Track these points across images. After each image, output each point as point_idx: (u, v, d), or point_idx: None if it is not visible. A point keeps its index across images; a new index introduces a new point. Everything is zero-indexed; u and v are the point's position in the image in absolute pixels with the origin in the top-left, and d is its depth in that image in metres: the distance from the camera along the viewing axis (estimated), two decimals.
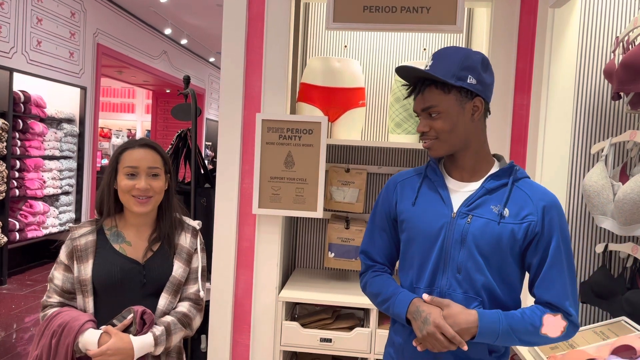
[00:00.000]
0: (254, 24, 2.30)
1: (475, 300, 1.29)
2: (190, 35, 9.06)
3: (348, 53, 2.77)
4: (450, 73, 1.27)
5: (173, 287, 1.60)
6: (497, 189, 1.32)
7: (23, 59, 5.51)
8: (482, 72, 1.30)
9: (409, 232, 1.38)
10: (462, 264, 1.29)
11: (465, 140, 1.32)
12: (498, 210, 1.28)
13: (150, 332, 1.52)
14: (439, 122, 1.29)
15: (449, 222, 1.31)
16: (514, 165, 1.36)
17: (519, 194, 1.31)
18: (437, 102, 1.29)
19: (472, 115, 1.31)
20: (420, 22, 2.20)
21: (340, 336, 2.23)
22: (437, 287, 1.32)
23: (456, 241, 1.30)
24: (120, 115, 12.63)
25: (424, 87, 1.31)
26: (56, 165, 6.12)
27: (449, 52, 1.32)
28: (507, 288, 1.31)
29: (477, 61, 1.30)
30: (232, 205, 2.32)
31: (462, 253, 1.29)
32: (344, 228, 2.52)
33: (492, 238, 1.27)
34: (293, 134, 2.26)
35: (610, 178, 1.79)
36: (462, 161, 1.35)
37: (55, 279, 1.57)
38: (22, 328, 4.20)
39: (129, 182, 1.55)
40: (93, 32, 6.79)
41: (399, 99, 2.42)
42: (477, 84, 1.29)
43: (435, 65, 1.29)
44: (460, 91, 1.28)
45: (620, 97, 1.87)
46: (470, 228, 1.29)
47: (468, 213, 1.30)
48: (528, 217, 1.27)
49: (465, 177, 1.36)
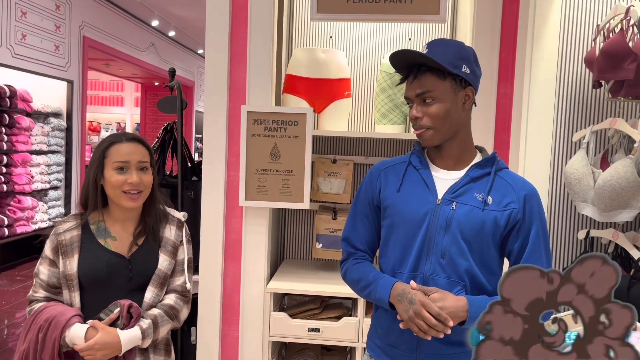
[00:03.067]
0: (237, 15, 2.29)
1: (458, 284, 1.32)
2: (177, 27, 8.98)
3: (333, 44, 2.77)
4: (447, 60, 1.30)
5: (159, 279, 1.60)
6: (480, 178, 1.36)
7: (8, 53, 5.45)
8: (473, 64, 1.35)
9: (393, 218, 1.40)
10: (446, 249, 1.32)
11: (456, 129, 1.36)
12: (482, 198, 1.32)
13: (137, 325, 1.52)
14: (433, 107, 1.32)
15: (434, 208, 1.34)
16: (495, 155, 1.40)
17: (501, 183, 1.35)
18: (434, 87, 1.31)
19: (464, 104, 1.35)
20: (404, 12, 2.20)
21: (328, 326, 2.25)
22: (421, 272, 1.35)
23: (440, 227, 1.33)
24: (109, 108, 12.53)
25: (420, 72, 1.33)
26: (44, 160, 6.08)
27: (445, 42, 1.37)
28: (488, 273, 1.35)
29: (470, 53, 1.36)
30: (218, 198, 2.32)
31: (446, 238, 1.32)
32: (331, 219, 2.53)
33: (475, 224, 1.31)
34: (279, 126, 2.26)
35: (591, 165, 1.82)
36: (448, 151, 1.39)
37: (41, 273, 1.56)
38: (12, 324, 4.19)
39: (120, 177, 1.53)
40: (79, 24, 6.72)
41: (385, 89, 2.43)
42: (470, 74, 1.33)
43: (432, 52, 1.32)
44: (455, 79, 1.32)
45: (601, 85, 1.89)
46: (455, 214, 1.32)
47: (452, 200, 1.34)
48: (510, 205, 1.32)
49: (449, 166, 1.39)
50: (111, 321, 1.49)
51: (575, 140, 1.97)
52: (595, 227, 2.00)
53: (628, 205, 1.66)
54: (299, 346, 2.58)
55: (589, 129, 1.88)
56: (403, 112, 2.45)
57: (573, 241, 2.03)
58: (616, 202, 1.66)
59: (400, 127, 2.47)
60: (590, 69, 1.86)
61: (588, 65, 1.88)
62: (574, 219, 2.02)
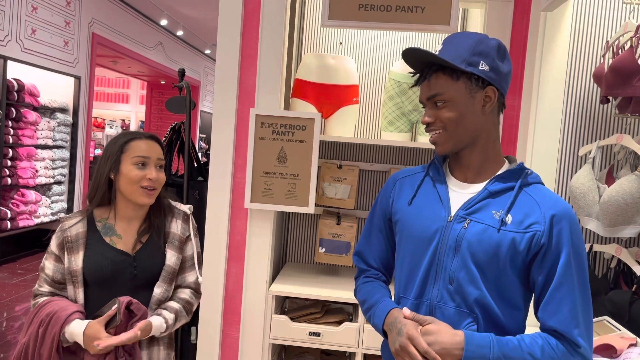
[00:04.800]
0: (249, 19, 2.31)
1: (469, 316, 1.16)
2: (186, 27, 9.02)
3: (343, 50, 2.79)
4: (460, 58, 1.14)
5: (168, 275, 1.61)
6: (501, 193, 1.18)
7: (17, 47, 5.48)
8: (496, 59, 1.17)
9: (401, 234, 1.27)
10: (454, 274, 1.16)
11: (474, 134, 1.19)
12: (500, 216, 1.15)
13: (163, 317, 1.54)
14: (444, 111, 1.18)
15: (445, 225, 1.19)
16: (524, 167, 1.22)
17: (526, 200, 1.17)
18: (444, 89, 1.17)
19: (483, 107, 1.18)
20: (415, 22, 2.21)
21: (328, 330, 2.25)
22: (427, 298, 1.20)
23: (450, 248, 1.17)
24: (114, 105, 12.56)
25: (430, 73, 1.19)
26: (49, 155, 6.10)
27: (459, 37, 1.20)
28: (507, 306, 1.17)
29: (492, 46, 1.17)
30: (224, 199, 2.33)
31: (455, 261, 1.16)
32: (335, 224, 2.54)
33: (489, 246, 1.14)
34: (286, 130, 2.28)
35: (596, 180, 1.83)
36: (467, 159, 1.23)
37: (46, 268, 1.57)
38: (12, 317, 4.20)
39: (140, 172, 1.53)
40: (88, 21, 6.76)
41: (393, 97, 2.44)
42: (489, 71, 1.16)
43: (444, 49, 1.18)
44: (471, 78, 1.16)
45: (609, 100, 1.90)
46: (466, 234, 1.16)
47: (466, 217, 1.18)
48: (533, 227, 1.13)
49: (469, 178, 1.23)
50: (109, 318, 1.48)
51: (581, 154, 1.98)
52: (599, 242, 2.01)
53: (633, 222, 1.67)
54: (298, 349, 2.59)
55: (595, 144, 1.89)
56: (410, 120, 2.46)
57: None
58: (621, 217, 1.66)
59: (407, 135, 2.49)
60: (599, 85, 1.88)
61: (596, 81, 1.89)
62: None
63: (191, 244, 1.69)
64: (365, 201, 2.80)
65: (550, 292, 1.11)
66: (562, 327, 1.10)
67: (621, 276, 1.94)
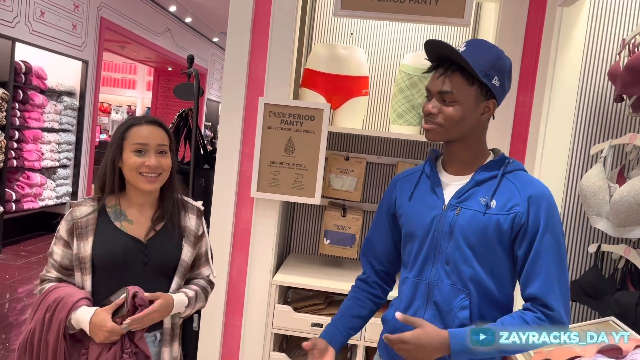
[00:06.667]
0: (261, 7, 2.28)
1: (462, 292, 1.30)
2: (194, 14, 8.98)
3: (353, 41, 2.76)
4: (481, 67, 1.24)
5: (183, 270, 1.60)
6: (486, 181, 1.32)
7: (26, 29, 5.46)
8: (505, 78, 1.30)
9: (406, 227, 1.41)
10: (450, 256, 1.31)
11: (466, 134, 1.32)
12: (485, 202, 1.29)
13: (184, 292, 1.56)
14: (451, 109, 1.27)
15: (440, 214, 1.33)
16: (505, 157, 1.36)
17: (508, 186, 1.30)
18: (457, 89, 1.26)
19: (482, 115, 1.31)
20: (428, 14, 2.19)
21: None
22: (426, 277, 1.35)
23: (445, 233, 1.32)
24: (120, 90, 12.55)
25: (451, 70, 1.27)
26: (55, 138, 6.10)
27: (484, 46, 1.30)
28: (498, 281, 1.31)
29: (507, 66, 1.30)
30: (230, 188, 2.32)
31: (450, 244, 1.31)
32: (340, 216, 2.53)
33: (477, 229, 1.28)
34: (295, 120, 2.26)
35: (607, 179, 1.81)
36: (457, 153, 1.36)
37: (55, 254, 1.54)
38: (15, 298, 4.22)
39: (138, 159, 1.51)
40: (97, 5, 6.73)
41: (403, 90, 2.42)
42: (498, 87, 1.28)
43: (468, 52, 1.25)
44: (482, 88, 1.27)
45: (623, 99, 1.87)
46: (458, 220, 1.30)
47: (457, 205, 1.32)
48: (515, 208, 1.27)
49: (460, 171, 1.37)
50: (117, 306, 1.46)
51: (592, 153, 1.95)
52: (607, 242, 2.00)
53: None
54: (300, 340, 2.59)
55: (607, 142, 1.87)
56: (419, 113, 2.44)
57: (583, 254, 2.02)
58: (631, 218, 1.65)
59: (416, 128, 2.47)
60: (613, 83, 1.85)
61: (611, 79, 1.87)
62: (586, 232, 2.02)
63: (205, 240, 1.69)
64: (372, 194, 2.79)
65: (528, 263, 1.26)
66: (539, 292, 1.23)
67: (628, 277, 1.92)
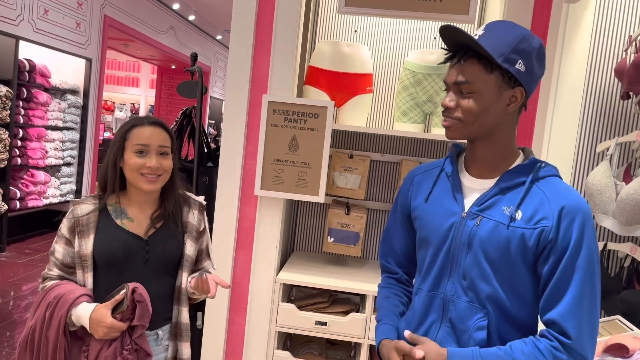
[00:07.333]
0: (264, 4, 2.27)
1: (480, 311, 1.17)
2: (198, 12, 8.97)
3: (357, 38, 2.75)
4: (499, 51, 1.09)
5: (189, 265, 1.62)
6: (512, 188, 1.17)
7: (29, 27, 5.47)
8: (534, 61, 1.13)
9: (420, 232, 1.30)
10: (467, 270, 1.18)
11: (490, 130, 1.17)
12: (509, 212, 1.14)
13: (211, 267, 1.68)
14: (469, 101, 1.14)
15: (459, 222, 1.20)
16: (536, 160, 1.19)
17: (536, 195, 1.14)
18: (475, 79, 1.12)
19: (507, 106, 1.15)
20: (433, 11, 2.18)
21: (335, 320, 2.25)
22: (442, 291, 1.23)
23: (463, 244, 1.19)
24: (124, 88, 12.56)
25: (465, 57, 1.14)
26: (59, 136, 6.11)
27: (504, 27, 1.14)
28: (520, 301, 1.17)
29: (534, 47, 1.12)
30: (234, 186, 2.32)
31: (468, 258, 1.18)
32: (344, 214, 2.52)
33: (499, 243, 1.14)
34: (299, 117, 2.25)
35: (614, 177, 1.79)
36: (481, 154, 1.21)
37: (56, 252, 1.56)
38: (19, 296, 4.24)
39: (139, 160, 1.52)
40: (101, 3, 6.73)
41: (407, 87, 2.41)
42: (524, 72, 1.12)
43: (485, 36, 1.11)
44: (504, 75, 1.12)
45: (630, 96, 1.86)
46: (478, 231, 1.16)
47: (478, 214, 1.18)
48: (542, 222, 1.11)
49: (483, 173, 1.22)
50: (116, 302, 1.47)
51: (599, 150, 1.94)
52: (613, 240, 1.98)
53: None
54: (304, 338, 2.59)
55: (614, 140, 1.85)
56: (424, 111, 2.43)
57: None
58: (638, 216, 1.63)
59: (420, 126, 2.45)
60: (620, 80, 1.84)
61: (618, 76, 1.85)
62: None
63: (206, 235, 1.70)
64: (376, 192, 2.78)
65: (552, 284, 1.11)
66: (558, 317, 1.09)
67: (635, 276, 1.91)
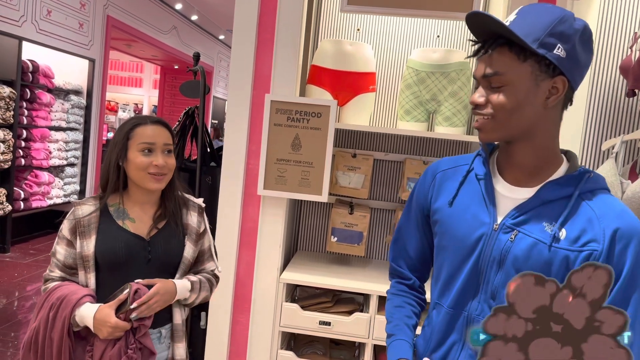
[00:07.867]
0: (266, 3, 2.27)
1: None
2: (200, 12, 8.97)
3: (360, 37, 2.74)
4: (533, 35, 0.95)
5: (185, 267, 1.61)
6: (555, 201, 1.02)
7: (32, 28, 5.48)
8: (577, 45, 0.97)
9: (441, 237, 1.15)
10: (497, 290, 1.03)
11: (529, 128, 1.01)
12: (552, 230, 0.99)
13: (187, 278, 1.59)
14: (500, 95, 0.99)
15: (489, 234, 1.05)
16: (585, 170, 1.03)
17: (584, 212, 0.99)
18: (506, 69, 0.98)
19: (547, 99, 0.99)
20: (436, 9, 2.17)
21: (339, 320, 2.24)
22: (466, 310, 1.09)
23: (494, 260, 1.04)
24: (127, 89, 12.58)
25: (494, 46, 0.99)
26: (62, 137, 6.13)
27: (539, 9, 0.99)
28: None
29: (576, 29, 0.97)
30: (237, 186, 2.31)
31: (499, 276, 1.03)
32: (347, 213, 2.51)
33: (537, 264, 0.99)
34: (301, 117, 2.25)
35: (619, 175, 1.78)
36: (519, 157, 1.05)
37: (58, 253, 1.55)
38: (23, 296, 4.25)
39: (145, 159, 1.51)
40: (103, 3, 6.74)
41: (410, 85, 2.40)
42: (565, 58, 0.96)
43: (517, 21, 0.98)
44: (540, 62, 0.97)
45: (635, 94, 1.84)
46: (513, 248, 1.01)
47: (513, 227, 1.03)
48: (590, 245, 0.96)
49: (520, 180, 1.06)
50: (120, 302, 1.47)
51: (604, 149, 1.92)
52: None
53: None
54: (307, 338, 2.58)
55: (619, 138, 1.84)
56: (427, 109, 2.42)
57: None
58: None
59: (424, 125, 2.44)
60: (625, 77, 1.82)
61: (623, 73, 1.84)
62: None
63: (207, 236, 1.70)
64: (379, 191, 2.77)
65: None
66: None
67: None
